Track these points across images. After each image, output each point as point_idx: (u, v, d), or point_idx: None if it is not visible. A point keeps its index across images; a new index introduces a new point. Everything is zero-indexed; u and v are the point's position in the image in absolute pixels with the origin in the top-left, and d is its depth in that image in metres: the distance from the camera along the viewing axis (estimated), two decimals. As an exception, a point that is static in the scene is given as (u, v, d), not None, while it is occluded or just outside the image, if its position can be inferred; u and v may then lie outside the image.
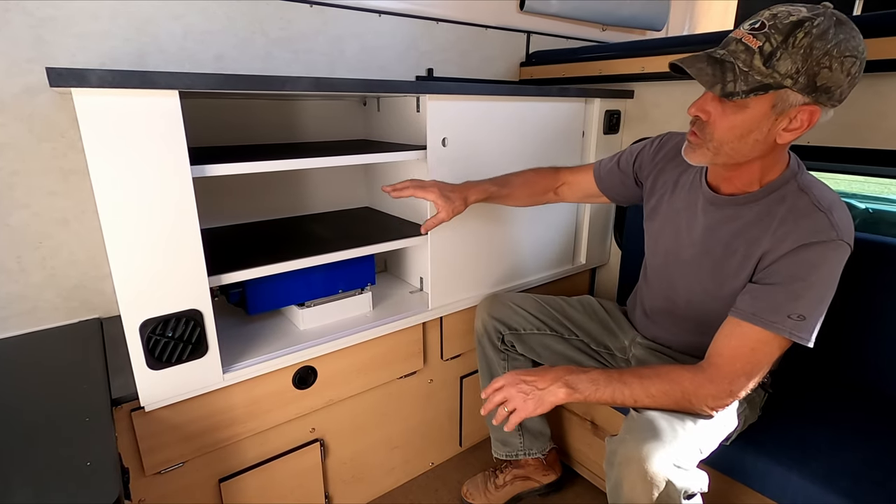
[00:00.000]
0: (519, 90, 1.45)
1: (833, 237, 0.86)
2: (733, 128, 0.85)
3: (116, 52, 1.16)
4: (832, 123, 1.23)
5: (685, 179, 1.10)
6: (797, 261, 0.88)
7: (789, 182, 0.93)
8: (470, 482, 1.48)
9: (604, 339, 1.35)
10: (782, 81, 0.78)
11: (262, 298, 1.19)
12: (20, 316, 1.16)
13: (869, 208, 2.89)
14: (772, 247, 0.91)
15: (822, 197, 0.91)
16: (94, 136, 0.82)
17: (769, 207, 0.94)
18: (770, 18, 0.79)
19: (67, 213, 1.17)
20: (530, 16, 1.95)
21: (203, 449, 1.10)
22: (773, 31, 0.78)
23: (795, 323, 0.87)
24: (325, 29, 1.47)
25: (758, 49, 0.78)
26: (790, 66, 0.77)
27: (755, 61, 0.79)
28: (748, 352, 0.90)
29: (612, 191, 1.28)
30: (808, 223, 0.88)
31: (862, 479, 0.96)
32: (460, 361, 1.56)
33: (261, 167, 1.03)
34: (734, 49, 0.81)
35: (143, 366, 0.95)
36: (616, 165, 1.25)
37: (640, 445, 0.86)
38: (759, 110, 0.82)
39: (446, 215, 1.17)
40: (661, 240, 1.16)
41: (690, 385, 0.91)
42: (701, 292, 1.07)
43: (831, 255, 0.87)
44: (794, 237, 0.88)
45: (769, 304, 0.89)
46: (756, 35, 0.79)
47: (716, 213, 1.02)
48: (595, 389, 0.93)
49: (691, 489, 0.88)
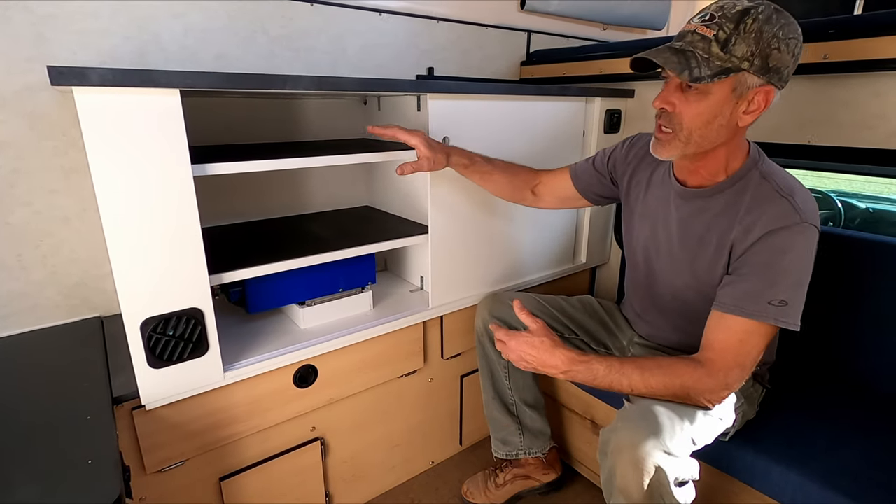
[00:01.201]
0: (520, 89, 1.45)
1: (797, 220, 0.89)
2: (700, 114, 0.89)
3: (117, 51, 1.16)
4: (831, 122, 1.25)
5: (657, 177, 1.13)
6: (766, 248, 0.90)
7: (751, 171, 0.97)
8: (470, 481, 1.48)
9: (603, 338, 1.35)
10: (740, 64, 0.84)
11: (262, 297, 1.19)
12: (21, 314, 1.16)
13: (869, 208, 2.89)
14: (740, 236, 0.94)
15: (784, 183, 0.94)
16: (95, 134, 0.82)
17: (735, 197, 0.97)
18: (718, 10, 0.85)
19: (68, 212, 1.17)
20: (531, 15, 1.95)
21: (204, 447, 1.10)
22: (724, 20, 0.83)
23: (778, 309, 0.88)
24: (326, 28, 1.47)
25: (713, 37, 0.84)
26: (745, 49, 0.83)
27: (713, 48, 0.84)
28: (737, 343, 0.91)
29: (590, 190, 1.28)
30: (773, 209, 0.91)
31: (861, 478, 0.97)
32: (460, 360, 1.56)
33: (262, 166, 1.03)
34: (691, 40, 0.86)
35: (144, 364, 0.95)
36: (591, 166, 1.27)
37: (632, 434, 0.87)
38: (721, 95, 0.87)
39: (427, 165, 1.17)
40: (640, 238, 1.17)
41: (690, 379, 0.92)
42: (683, 286, 1.09)
43: (798, 238, 0.89)
44: (760, 225, 0.91)
45: (748, 294, 0.91)
46: (709, 25, 0.85)
47: (686, 206, 1.05)
48: (593, 379, 0.95)
49: (682, 476, 0.89)
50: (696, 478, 0.92)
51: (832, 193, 2.96)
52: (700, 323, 0.98)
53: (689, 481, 0.92)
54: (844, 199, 2.91)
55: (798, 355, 1.35)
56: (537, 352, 0.98)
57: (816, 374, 1.33)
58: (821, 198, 2.92)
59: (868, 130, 1.19)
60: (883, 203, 2.96)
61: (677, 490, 0.89)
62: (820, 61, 1.17)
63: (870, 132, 1.19)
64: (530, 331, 1.01)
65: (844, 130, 1.23)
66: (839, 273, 1.28)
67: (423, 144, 1.15)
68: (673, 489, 0.87)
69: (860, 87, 1.19)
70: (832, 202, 2.88)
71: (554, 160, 1.56)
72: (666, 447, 0.86)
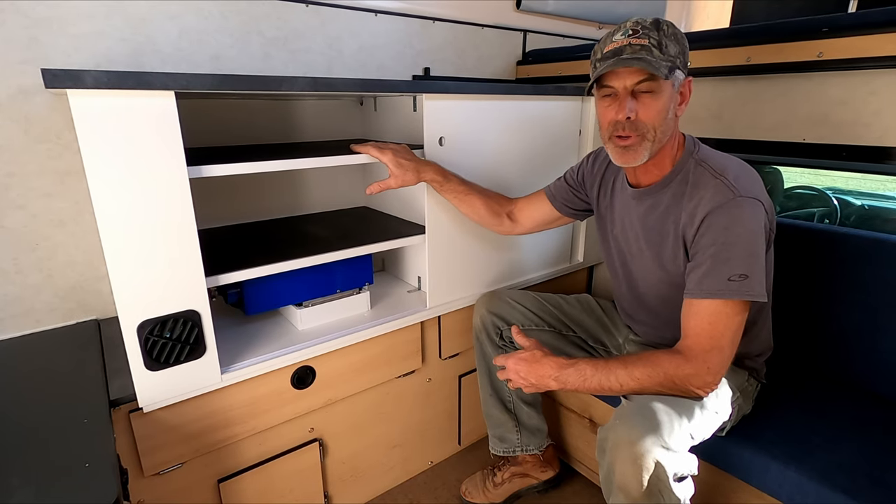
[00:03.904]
0: (515, 89, 1.45)
1: (731, 196, 0.93)
2: (659, 112, 0.95)
3: (112, 53, 1.16)
4: (826, 120, 1.25)
5: (618, 184, 1.18)
6: (711, 228, 0.94)
7: (688, 160, 1.03)
8: (469, 481, 1.49)
9: (600, 336, 1.36)
10: (675, 62, 0.93)
11: (260, 298, 1.19)
12: (17, 318, 1.16)
13: (865, 205, 2.90)
14: (687, 222, 0.99)
15: (717, 165, 0.99)
16: (90, 137, 0.82)
17: (678, 188, 1.02)
18: (635, 25, 0.94)
19: (64, 215, 1.17)
20: (527, 14, 1.95)
21: (202, 449, 1.10)
22: (647, 31, 0.93)
23: (740, 283, 0.91)
24: (322, 28, 1.46)
25: (649, 44, 0.92)
26: (676, 48, 0.93)
27: (654, 52, 0.92)
28: (708, 326, 0.94)
29: (569, 204, 1.31)
30: (708, 192, 0.96)
31: (858, 474, 0.97)
32: (458, 360, 1.56)
33: (258, 167, 1.03)
34: (634, 48, 0.93)
35: (141, 367, 0.95)
36: (564, 182, 1.32)
37: (630, 430, 0.88)
38: (668, 92, 0.95)
39: (395, 182, 1.19)
40: (614, 243, 1.21)
41: (670, 366, 0.94)
42: (657, 282, 1.12)
43: (736, 212, 0.93)
44: (701, 208, 0.96)
45: (707, 275, 0.93)
46: (638, 36, 0.93)
47: (641, 205, 1.10)
48: (583, 380, 0.98)
49: (681, 472, 0.90)
50: (694, 473, 0.93)
51: (828, 191, 2.97)
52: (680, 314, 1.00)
53: (688, 476, 0.93)
54: (840, 197, 2.92)
55: (793, 351, 1.35)
56: (529, 365, 1.04)
57: (812, 370, 1.34)
58: (817, 195, 2.94)
59: (863, 128, 1.20)
60: (878, 200, 2.97)
61: (676, 485, 0.89)
62: (814, 59, 1.18)
63: (865, 129, 1.19)
64: (524, 348, 1.08)
65: (839, 128, 1.23)
66: (835, 270, 1.29)
67: (391, 162, 1.17)
68: (672, 485, 0.88)
69: (855, 84, 1.19)
70: (828, 199, 2.89)
71: (550, 160, 1.57)
72: (664, 443, 0.87)
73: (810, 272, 0.90)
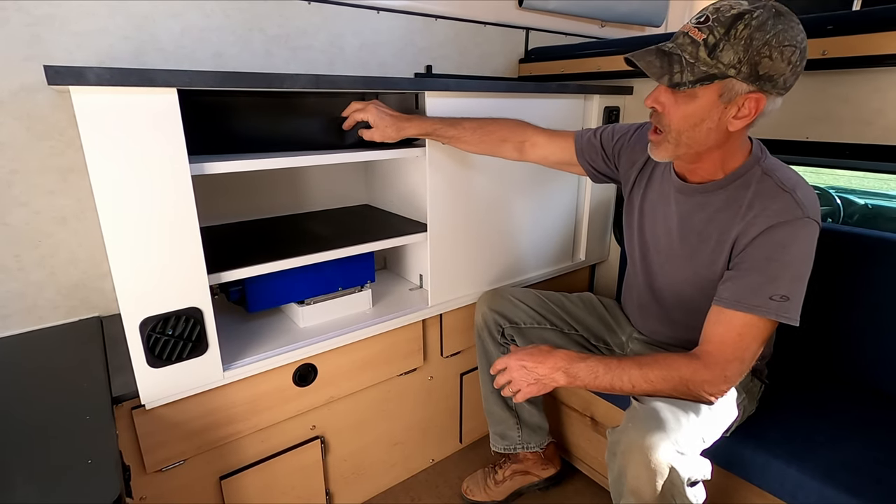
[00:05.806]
0: (518, 87, 1.45)
1: (800, 215, 0.89)
2: (687, 117, 0.89)
3: (114, 50, 1.16)
4: (830, 118, 1.24)
5: (658, 172, 1.12)
6: (768, 242, 0.90)
7: (753, 168, 0.96)
8: (470, 478, 1.49)
9: (602, 335, 1.36)
10: (726, 71, 0.82)
11: (261, 296, 1.19)
12: (20, 314, 1.16)
13: (868, 203, 2.90)
14: (742, 231, 0.94)
15: (786, 178, 0.93)
16: (92, 134, 0.82)
17: (736, 193, 0.97)
18: (714, 12, 0.83)
19: (66, 212, 1.17)
20: (529, 12, 1.94)
21: (204, 447, 1.10)
22: (716, 24, 0.82)
23: (780, 304, 0.88)
24: (324, 26, 1.46)
25: (702, 41, 0.83)
26: (732, 56, 0.81)
27: (700, 53, 0.83)
28: (735, 337, 0.91)
29: (593, 164, 1.23)
30: (775, 204, 0.91)
31: (861, 473, 0.97)
32: (460, 358, 1.56)
33: (259, 165, 1.03)
34: (682, 42, 0.85)
35: (144, 364, 0.95)
36: (599, 141, 1.21)
37: (643, 434, 0.86)
38: (707, 99, 0.86)
39: (377, 135, 1.19)
40: (640, 232, 1.17)
41: (687, 371, 0.92)
42: (682, 282, 1.09)
43: (801, 232, 0.89)
44: (762, 219, 0.91)
45: (749, 289, 0.91)
46: (701, 28, 0.83)
47: (686, 201, 1.05)
48: (594, 377, 0.95)
49: (694, 476, 0.89)
50: (707, 477, 0.92)
51: (831, 189, 2.97)
52: (698, 318, 0.98)
53: (700, 481, 0.92)
54: (843, 196, 2.91)
55: (797, 351, 1.35)
56: (535, 357, 1.00)
57: (815, 370, 1.34)
58: (819, 194, 2.93)
59: (866, 126, 1.19)
60: (881, 199, 2.96)
61: (690, 490, 0.88)
62: (819, 57, 1.17)
63: (868, 128, 1.19)
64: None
65: (843, 126, 1.23)
66: (838, 269, 1.28)
67: (374, 117, 1.17)
68: (686, 489, 0.87)
69: (859, 82, 1.19)
70: (831, 198, 2.89)
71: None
72: (678, 447, 0.86)
73: (813, 271, 0.90)
